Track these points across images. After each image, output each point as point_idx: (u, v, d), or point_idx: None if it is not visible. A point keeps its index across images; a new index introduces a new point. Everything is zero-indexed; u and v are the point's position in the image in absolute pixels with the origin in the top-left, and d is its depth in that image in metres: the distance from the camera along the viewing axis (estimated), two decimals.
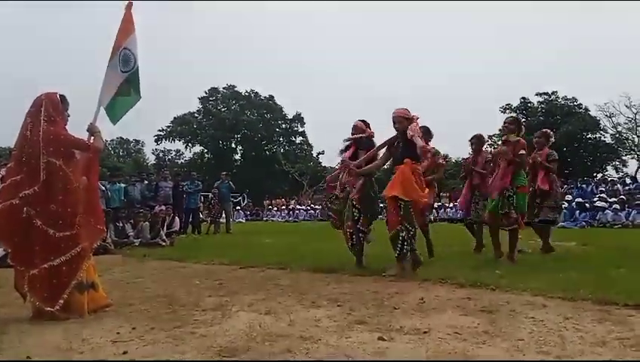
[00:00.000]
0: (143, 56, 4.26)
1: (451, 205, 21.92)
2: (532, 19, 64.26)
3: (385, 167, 5.87)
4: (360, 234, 5.61)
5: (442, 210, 22.17)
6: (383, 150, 5.59)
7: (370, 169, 5.63)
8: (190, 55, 77.07)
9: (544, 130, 7.15)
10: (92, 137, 3.79)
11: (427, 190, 5.43)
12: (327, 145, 46.70)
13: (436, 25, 77.10)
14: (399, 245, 5.03)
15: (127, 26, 4.15)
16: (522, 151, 5.83)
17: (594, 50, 52.44)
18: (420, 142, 5.03)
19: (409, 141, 5.11)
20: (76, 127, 3.74)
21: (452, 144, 45.88)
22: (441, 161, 6.87)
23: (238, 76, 69.18)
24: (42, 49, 68.89)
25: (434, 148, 6.36)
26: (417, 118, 5.33)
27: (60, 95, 3.68)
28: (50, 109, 3.55)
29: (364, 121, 5.99)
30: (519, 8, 63.58)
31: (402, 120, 5.31)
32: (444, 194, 26.52)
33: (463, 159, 11.55)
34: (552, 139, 6.91)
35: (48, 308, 3.36)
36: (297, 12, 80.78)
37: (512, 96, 37.72)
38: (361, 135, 5.86)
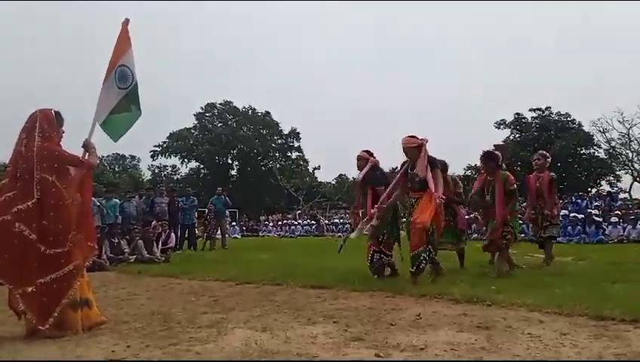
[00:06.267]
0: (142, 70, 4.30)
1: None
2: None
3: None
4: (382, 256, 5.77)
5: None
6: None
7: (394, 201, 5.72)
8: (188, 68, 77.27)
9: (541, 152, 7.48)
10: (87, 153, 3.79)
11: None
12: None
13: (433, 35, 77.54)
14: (417, 263, 5.26)
15: (123, 43, 4.18)
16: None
17: None
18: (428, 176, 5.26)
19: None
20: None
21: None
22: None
23: (237, 85, 69.15)
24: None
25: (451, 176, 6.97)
26: (426, 141, 5.42)
27: (55, 111, 3.69)
28: (44, 125, 3.55)
29: (367, 151, 6.08)
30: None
31: (412, 150, 5.43)
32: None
33: None
34: (549, 160, 7.20)
35: (39, 327, 3.32)
36: (296, 13, 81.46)
37: None
38: (375, 172, 5.94)
